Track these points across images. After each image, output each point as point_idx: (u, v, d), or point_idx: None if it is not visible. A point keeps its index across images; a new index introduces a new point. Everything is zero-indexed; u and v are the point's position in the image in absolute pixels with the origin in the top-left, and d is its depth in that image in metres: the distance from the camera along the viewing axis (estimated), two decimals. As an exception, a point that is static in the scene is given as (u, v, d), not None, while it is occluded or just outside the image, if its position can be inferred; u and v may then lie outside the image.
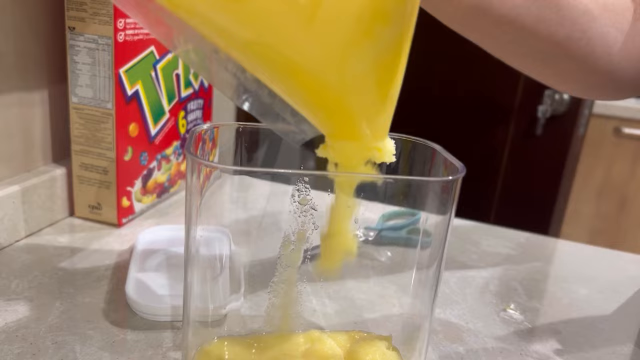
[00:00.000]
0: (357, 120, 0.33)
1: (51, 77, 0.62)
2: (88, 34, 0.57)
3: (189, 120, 0.73)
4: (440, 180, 0.37)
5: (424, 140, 0.41)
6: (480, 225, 0.75)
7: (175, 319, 0.46)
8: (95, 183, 0.62)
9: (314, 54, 0.28)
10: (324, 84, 0.30)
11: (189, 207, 0.36)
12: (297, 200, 0.37)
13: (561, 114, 1.62)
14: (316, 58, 0.28)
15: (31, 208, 0.59)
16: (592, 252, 0.71)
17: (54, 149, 0.64)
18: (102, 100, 0.59)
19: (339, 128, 0.34)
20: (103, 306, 0.48)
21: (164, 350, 0.43)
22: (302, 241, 0.39)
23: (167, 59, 0.65)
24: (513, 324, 0.52)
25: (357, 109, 0.32)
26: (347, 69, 0.29)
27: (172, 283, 0.50)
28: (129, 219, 0.65)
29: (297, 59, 0.28)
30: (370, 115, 0.33)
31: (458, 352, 0.47)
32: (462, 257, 0.65)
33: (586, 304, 0.57)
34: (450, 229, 0.37)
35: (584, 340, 0.50)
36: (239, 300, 0.47)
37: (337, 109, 0.32)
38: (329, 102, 0.31)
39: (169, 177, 0.72)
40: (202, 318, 0.42)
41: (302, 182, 0.37)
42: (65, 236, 0.60)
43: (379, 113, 0.33)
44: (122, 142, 0.61)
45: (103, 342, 0.43)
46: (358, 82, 0.30)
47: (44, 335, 0.43)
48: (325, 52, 0.28)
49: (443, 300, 0.55)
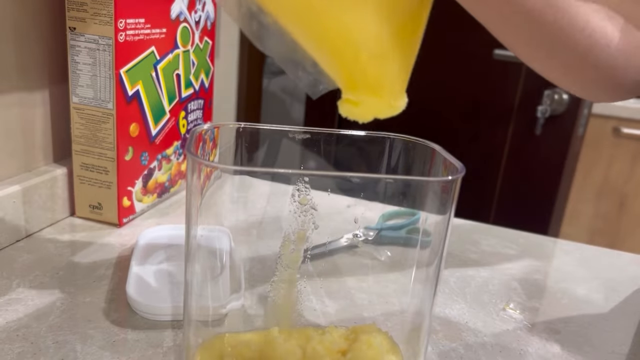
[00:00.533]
0: (382, 76, 0.34)
1: (52, 77, 0.62)
2: (89, 34, 0.57)
3: (189, 120, 0.73)
4: (440, 180, 0.37)
5: (423, 140, 0.41)
6: (480, 225, 0.75)
7: (176, 319, 0.47)
8: (96, 183, 0.62)
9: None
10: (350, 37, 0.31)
11: (189, 207, 0.36)
12: (297, 200, 0.37)
13: (560, 114, 1.62)
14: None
15: (32, 208, 0.59)
16: (591, 252, 0.71)
17: (54, 149, 0.64)
18: (103, 101, 0.59)
19: (363, 82, 0.35)
20: (104, 306, 0.48)
21: (165, 349, 0.43)
22: (302, 241, 0.39)
23: (168, 59, 0.65)
24: (512, 323, 0.52)
25: (382, 64, 0.33)
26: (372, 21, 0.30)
27: (173, 283, 0.50)
28: (129, 218, 0.65)
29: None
30: (392, 73, 0.34)
31: (457, 351, 0.47)
32: (461, 257, 0.65)
33: (585, 304, 0.57)
34: (450, 228, 0.37)
35: (583, 340, 0.50)
36: (239, 299, 0.47)
37: (366, 64, 0.33)
38: (355, 54, 0.32)
39: (170, 177, 0.72)
40: (202, 317, 0.42)
41: (302, 182, 0.37)
42: (66, 236, 0.60)
43: (400, 70, 0.33)
44: (122, 142, 0.61)
45: (104, 341, 0.43)
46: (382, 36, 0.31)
47: (45, 334, 0.43)
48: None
49: (443, 299, 0.55)
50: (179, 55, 0.67)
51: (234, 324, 0.46)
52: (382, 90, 0.35)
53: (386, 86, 0.35)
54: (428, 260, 0.39)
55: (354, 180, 0.36)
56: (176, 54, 0.67)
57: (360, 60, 0.33)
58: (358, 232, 0.58)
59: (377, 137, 0.42)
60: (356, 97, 0.35)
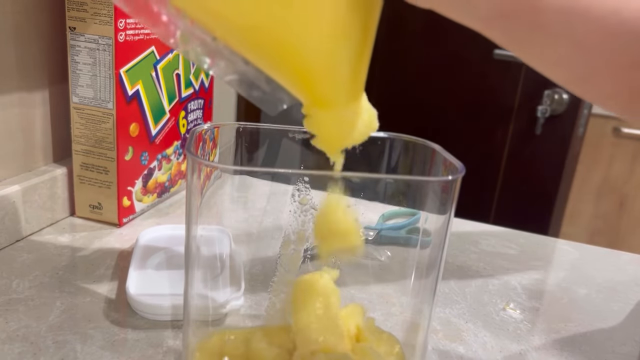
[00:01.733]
0: (326, 83, 0.31)
1: (52, 77, 0.62)
2: (89, 34, 0.57)
3: (189, 120, 0.73)
4: (440, 180, 0.37)
5: (423, 140, 0.41)
6: (480, 225, 0.75)
7: (176, 318, 0.47)
8: (95, 183, 0.62)
9: (282, 19, 0.28)
10: (293, 48, 0.29)
11: (189, 207, 0.36)
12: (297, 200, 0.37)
13: (560, 114, 1.62)
14: (284, 23, 0.28)
15: (32, 208, 0.59)
16: (591, 252, 0.71)
17: (54, 148, 0.64)
18: (103, 100, 0.59)
19: (312, 94, 0.32)
20: (103, 305, 0.48)
21: (165, 349, 0.43)
22: (302, 241, 0.39)
23: (168, 59, 0.65)
24: (512, 323, 0.52)
25: (324, 72, 0.30)
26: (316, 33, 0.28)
27: (173, 282, 0.50)
28: (129, 218, 0.65)
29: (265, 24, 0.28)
30: (339, 80, 0.31)
31: (457, 351, 0.47)
32: (462, 257, 0.65)
33: (586, 304, 0.57)
34: (450, 228, 0.37)
35: (583, 340, 0.50)
36: (239, 299, 0.47)
37: (308, 74, 0.30)
38: (299, 67, 0.30)
39: (170, 177, 0.72)
40: (202, 317, 0.42)
41: (302, 181, 0.37)
42: (65, 236, 0.60)
43: (349, 77, 0.31)
44: (122, 142, 0.61)
45: (104, 341, 0.43)
46: (326, 46, 0.29)
47: (45, 334, 0.43)
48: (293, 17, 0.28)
49: (443, 299, 0.55)
50: (179, 55, 0.67)
51: (234, 324, 0.46)
52: (333, 100, 0.32)
53: (340, 94, 0.32)
54: (428, 260, 0.39)
55: (354, 180, 0.35)
56: (176, 54, 0.67)
57: (314, 67, 0.30)
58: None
59: (377, 137, 0.42)
60: (315, 110, 0.33)
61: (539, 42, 0.26)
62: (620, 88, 0.26)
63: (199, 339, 0.40)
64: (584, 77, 0.27)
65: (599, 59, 0.25)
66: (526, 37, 0.26)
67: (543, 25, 0.25)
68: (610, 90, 0.27)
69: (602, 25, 0.24)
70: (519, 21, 0.25)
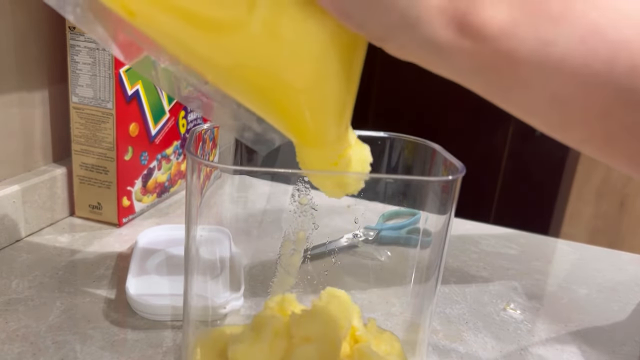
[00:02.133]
0: (316, 125, 0.31)
1: (51, 77, 0.62)
2: (88, 34, 0.57)
3: (189, 120, 0.73)
4: (440, 180, 0.37)
5: (424, 140, 0.41)
6: (480, 225, 0.75)
7: (176, 319, 0.47)
8: (95, 183, 0.62)
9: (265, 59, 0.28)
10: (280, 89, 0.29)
11: (189, 207, 0.36)
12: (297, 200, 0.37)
13: (561, 114, 1.62)
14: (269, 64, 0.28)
15: (32, 208, 0.59)
16: (592, 252, 0.71)
17: (54, 148, 0.64)
18: (103, 100, 0.59)
19: (300, 135, 0.32)
20: (103, 306, 0.48)
21: (164, 349, 0.43)
22: (302, 241, 0.39)
23: (167, 59, 0.65)
24: (513, 323, 0.52)
25: (313, 114, 0.31)
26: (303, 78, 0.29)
27: (173, 283, 0.50)
28: (129, 218, 0.65)
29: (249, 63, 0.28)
30: (328, 122, 0.31)
31: (458, 352, 0.47)
32: (462, 257, 0.65)
33: (586, 304, 0.57)
34: (450, 228, 0.37)
35: (583, 340, 0.50)
36: (239, 300, 0.47)
37: (297, 115, 0.30)
38: (288, 108, 0.30)
39: (169, 177, 0.72)
40: (202, 317, 0.42)
41: (302, 181, 0.37)
42: (65, 236, 0.60)
43: (337, 118, 0.31)
44: (122, 141, 0.61)
45: (103, 341, 0.43)
46: (314, 89, 0.29)
47: (45, 334, 0.43)
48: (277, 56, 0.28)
49: (443, 299, 0.55)
50: (179, 55, 0.67)
51: (234, 324, 0.46)
52: (322, 140, 0.32)
53: (329, 135, 0.32)
54: (428, 260, 0.39)
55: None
56: (176, 54, 0.67)
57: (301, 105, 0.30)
58: (358, 232, 0.58)
59: (377, 137, 0.42)
60: (302, 149, 0.33)
61: (517, 94, 0.27)
62: (594, 134, 0.27)
63: (199, 338, 0.40)
64: (560, 126, 0.28)
65: (573, 109, 0.26)
66: (505, 89, 0.27)
67: (521, 78, 0.26)
68: (585, 136, 0.27)
69: (575, 77, 0.25)
70: (499, 75, 0.26)
